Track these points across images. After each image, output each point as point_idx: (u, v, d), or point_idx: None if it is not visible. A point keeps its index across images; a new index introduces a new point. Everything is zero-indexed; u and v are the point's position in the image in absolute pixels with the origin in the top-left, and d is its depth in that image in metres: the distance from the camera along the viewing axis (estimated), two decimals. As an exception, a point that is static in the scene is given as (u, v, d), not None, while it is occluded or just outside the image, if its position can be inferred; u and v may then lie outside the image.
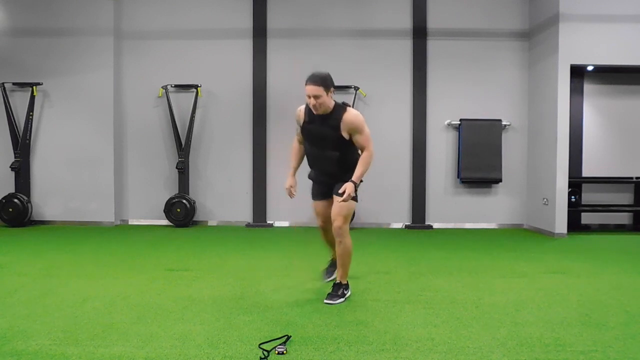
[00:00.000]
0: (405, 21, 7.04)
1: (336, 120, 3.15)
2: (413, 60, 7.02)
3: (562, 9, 6.11)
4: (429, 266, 4.44)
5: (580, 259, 4.84)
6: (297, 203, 3.43)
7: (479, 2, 7.05)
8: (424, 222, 7.04)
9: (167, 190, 7.10)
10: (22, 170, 6.83)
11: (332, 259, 3.78)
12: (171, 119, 6.89)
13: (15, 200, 6.68)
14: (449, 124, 7.04)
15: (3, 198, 6.69)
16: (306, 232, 6.48)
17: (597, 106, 6.97)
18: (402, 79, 7.05)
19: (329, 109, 3.16)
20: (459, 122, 6.94)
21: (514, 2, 7.03)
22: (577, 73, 6.66)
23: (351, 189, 3.14)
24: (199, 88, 6.92)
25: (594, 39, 6.16)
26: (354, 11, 7.06)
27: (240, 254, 4.99)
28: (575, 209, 6.66)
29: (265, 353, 2.37)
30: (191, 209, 6.83)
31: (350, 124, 3.15)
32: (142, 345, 2.49)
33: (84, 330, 2.69)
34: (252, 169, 7.08)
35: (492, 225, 7.10)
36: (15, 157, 6.81)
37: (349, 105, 3.29)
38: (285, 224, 7.09)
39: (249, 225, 7.03)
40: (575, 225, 6.77)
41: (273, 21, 7.04)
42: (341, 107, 3.20)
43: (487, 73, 7.03)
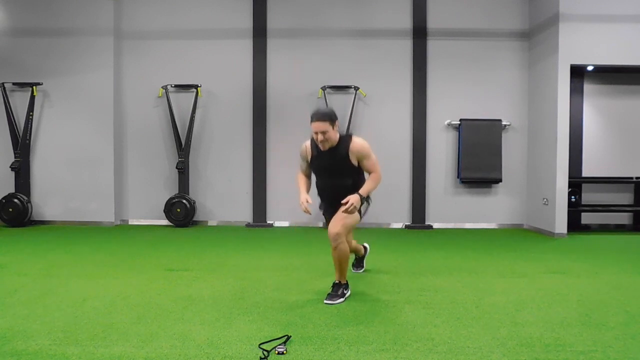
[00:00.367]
0: (405, 21, 7.04)
1: (345, 149, 3.29)
2: (413, 60, 7.03)
3: (562, 9, 6.11)
4: (429, 266, 4.44)
5: (580, 259, 4.84)
6: (297, 203, 3.43)
7: (479, 2, 7.06)
8: (424, 222, 7.04)
9: (167, 190, 7.10)
10: (22, 170, 6.84)
11: (356, 259, 4.11)
12: (171, 119, 6.90)
13: (15, 200, 6.68)
14: (449, 124, 7.04)
15: (3, 198, 6.70)
16: (306, 232, 6.48)
17: (597, 106, 6.98)
18: (402, 79, 7.05)
19: (334, 142, 3.29)
20: (459, 122, 6.94)
21: (514, 2, 7.03)
22: (577, 73, 6.66)
23: (356, 200, 3.22)
24: (199, 88, 6.92)
25: (594, 39, 6.16)
26: (354, 11, 7.06)
27: (240, 254, 4.99)
28: (575, 209, 6.67)
29: (265, 353, 2.37)
30: (191, 209, 6.83)
31: (358, 151, 3.29)
32: (142, 345, 2.49)
33: (84, 330, 2.69)
34: (252, 169, 7.08)
35: (492, 225, 7.10)
36: (15, 157, 6.81)
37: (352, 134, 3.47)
38: (285, 224, 7.09)
39: (249, 225, 7.03)
40: (575, 225, 6.78)
41: (273, 21, 7.05)
42: (347, 137, 3.35)
43: (487, 73, 7.03)
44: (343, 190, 3.32)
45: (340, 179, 3.34)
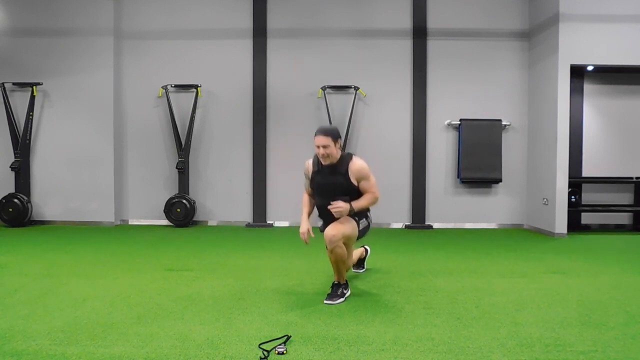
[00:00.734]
0: (405, 21, 7.04)
1: (344, 168, 3.35)
2: (413, 60, 7.03)
3: (562, 9, 6.11)
4: (429, 266, 4.44)
5: (580, 259, 4.84)
6: (297, 203, 3.43)
7: (479, 2, 7.06)
8: (424, 222, 7.04)
9: (167, 190, 7.10)
10: (22, 170, 6.83)
11: (356, 261, 4.10)
12: (171, 119, 6.90)
13: (15, 200, 6.68)
14: (449, 124, 7.04)
15: (3, 198, 6.70)
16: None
17: (597, 106, 6.98)
18: (402, 79, 7.05)
19: (335, 159, 3.36)
20: (459, 122, 6.94)
21: (514, 2, 7.03)
22: (577, 73, 6.66)
23: (345, 206, 3.24)
24: (199, 88, 6.92)
25: (594, 39, 6.16)
26: (354, 11, 7.06)
27: (240, 254, 4.99)
28: (575, 209, 6.66)
29: (265, 353, 2.37)
30: (191, 209, 6.83)
31: (358, 171, 3.35)
32: (142, 345, 2.49)
33: (84, 330, 2.69)
34: (252, 169, 7.08)
35: (492, 225, 7.10)
36: (15, 157, 6.81)
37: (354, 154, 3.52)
38: (285, 224, 7.08)
39: (249, 225, 7.03)
40: (575, 225, 6.78)
41: (273, 21, 7.05)
42: (347, 156, 3.42)
43: (487, 73, 7.04)
44: None
45: (339, 197, 3.34)
